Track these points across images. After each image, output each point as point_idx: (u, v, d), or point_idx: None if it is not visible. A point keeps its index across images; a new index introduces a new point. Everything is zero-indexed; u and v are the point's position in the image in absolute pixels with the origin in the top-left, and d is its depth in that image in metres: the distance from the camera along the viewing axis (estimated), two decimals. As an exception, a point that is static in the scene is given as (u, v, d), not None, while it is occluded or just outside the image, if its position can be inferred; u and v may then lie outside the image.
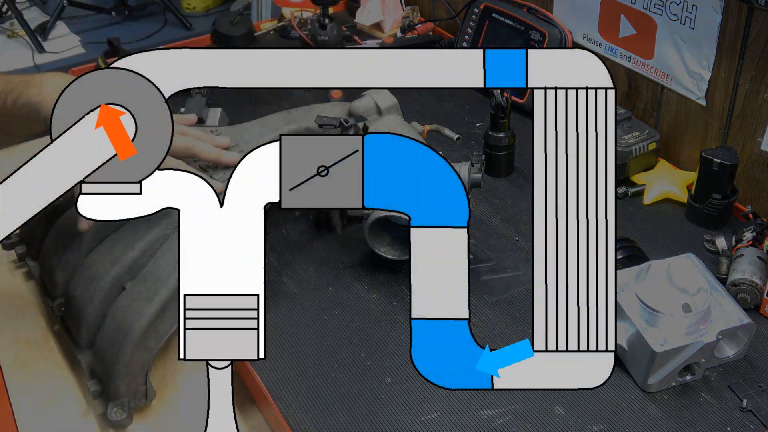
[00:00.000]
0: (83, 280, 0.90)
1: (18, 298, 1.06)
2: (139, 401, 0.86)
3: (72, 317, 0.92)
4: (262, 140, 1.05)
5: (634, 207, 1.15)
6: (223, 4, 2.61)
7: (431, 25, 1.68)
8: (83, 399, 0.90)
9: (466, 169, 0.97)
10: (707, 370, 0.87)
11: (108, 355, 0.84)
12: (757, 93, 1.08)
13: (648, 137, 1.17)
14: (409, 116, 1.17)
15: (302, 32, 1.61)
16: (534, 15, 1.38)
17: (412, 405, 0.84)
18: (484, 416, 0.83)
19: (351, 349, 0.92)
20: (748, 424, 0.81)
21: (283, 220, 1.13)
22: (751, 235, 0.99)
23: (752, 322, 0.84)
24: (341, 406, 0.85)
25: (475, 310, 0.96)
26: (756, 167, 1.11)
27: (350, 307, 0.98)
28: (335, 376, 0.88)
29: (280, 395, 0.86)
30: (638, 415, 0.83)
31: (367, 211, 0.96)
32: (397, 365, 0.89)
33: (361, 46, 1.64)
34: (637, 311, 0.84)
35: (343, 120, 1.06)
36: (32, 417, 0.88)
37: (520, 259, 1.05)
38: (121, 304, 0.86)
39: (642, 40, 1.23)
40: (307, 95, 1.41)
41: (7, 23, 2.47)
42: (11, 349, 0.97)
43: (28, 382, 0.93)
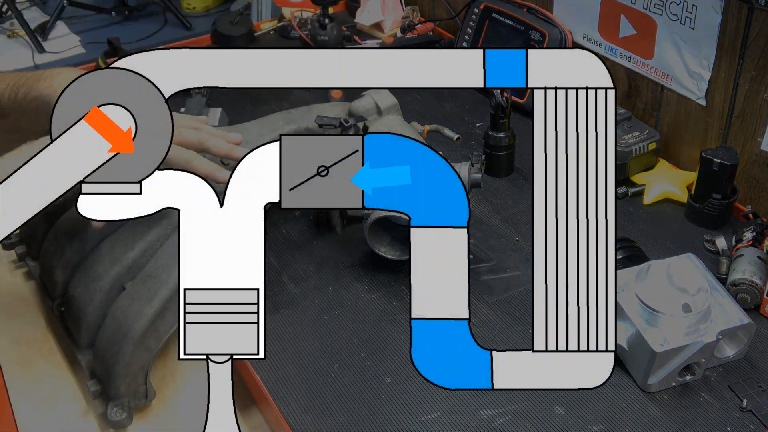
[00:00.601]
0: (83, 280, 0.90)
1: (18, 298, 1.06)
2: (139, 401, 0.86)
3: (72, 317, 0.92)
4: (262, 140, 1.05)
5: (634, 207, 1.15)
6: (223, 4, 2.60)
7: (431, 25, 1.68)
8: (83, 399, 0.90)
9: (466, 169, 0.97)
10: (707, 370, 0.87)
11: (108, 355, 0.84)
12: (757, 93, 1.08)
13: (648, 137, 1.17)
14: (409, 116, 1.17)
15: (302, 32, 1.61)
16: (534, 15, 1.38)
17: (412, 405, 0.84)
18: (484, 416, 0.83)
19: (351, 349, 0.92)
20: (748, 424, 0.81)
21: (283, 220, 1.13)
22: (751, 235, 0.99)
23: (752, 322, 0.84)
24: (341, 406, 0.85)
25: (475, 310, 0.96)
26: (756, 167, 1.11)
27: (350, 307, 0.98)
28: (335, 376, 0.88)
29: (280, 395, 0.86)
30: (638, 415, 0.83)
31: (367, 211, 0.96)
32: (397, 365, 0.89)
33: (361, 46, 1.64)
34: (637, 311, 0.84)
35: (343, 120, 1.06)
36: (32, 417, 0.88)
37: (520, 259, 1.05)
38: (121, 304, 0.86)
39: (642, 40, 1.23)
40: (307, 95, 1.41)
41: (7, 23, 2.47)
42: (11, 349, 0.97)
43: (28, 382, 0.93)
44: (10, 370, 0.94)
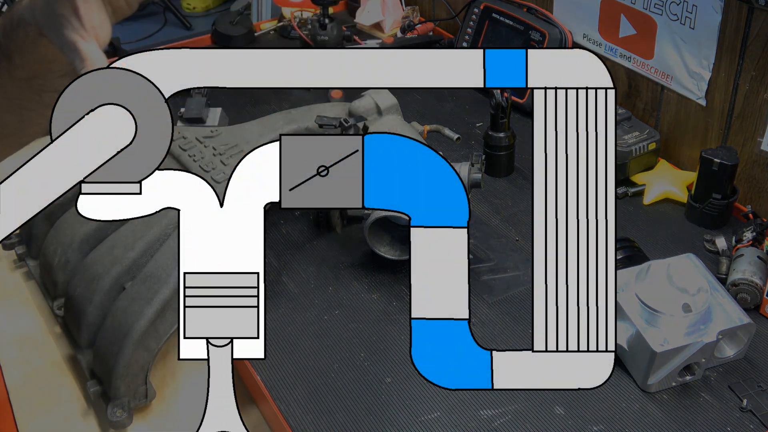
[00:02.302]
0: (83, 280, 0.90)
1: (18, 298, 1.06)
2: (139, 401, 0.86)
3: (72, 317, 0.92)
4: (262, 140, 1.06)
5: (634, 207, 1.15)
6: (223, 4, 2.60)
7: (431, 25, 1.68)
8: (83, 399, 0.90)
9: (466, 169, 0.97)
10: (707, 370, 0.87)
11: (108, 355, 0.84)
12: (757, 93, 1.08)
13: (648, 137, 1.17)
14: (409, 116, 1.18)
15: (302, 32, 1.61)
16: (534, 15, 1.38)
17: (412, 405, 0.84)
18: (484, 416, 0.83)
19: (351, 349, 0.92)
20: (748, 424, 0.81)
21: (283, 220, 1.13)
22: (751, 235, 0.99)
23: (752, 322, 0.84)
24: (341, 406, 0.85)
25: (475, 310, 0.96)
26: (756, 167, 1.11)
27: (350, 307, 0.98)
28: (335, 376, 0.88)
29: (280, 395, 0.86)
30: (638, 415, 0.83)
31: (367, 211, 0.96)
32: (397, 365, 0.89)
33: (361, 46, 1.64)
34: (637, 311, 0.84)
35: (343, 120, 1.06)
36: (32, 417, 0.88)
37: (520, 259, 1.05)
38: (121, 304, 0.86)
39: (642, 40, 1.23)
40: (307, 95, 1.41)
41: (7, 23, 2.47)
42: (11, 349, 0.97)
43: (28, 382, 0.93)
44: (10, 370, 0.94)
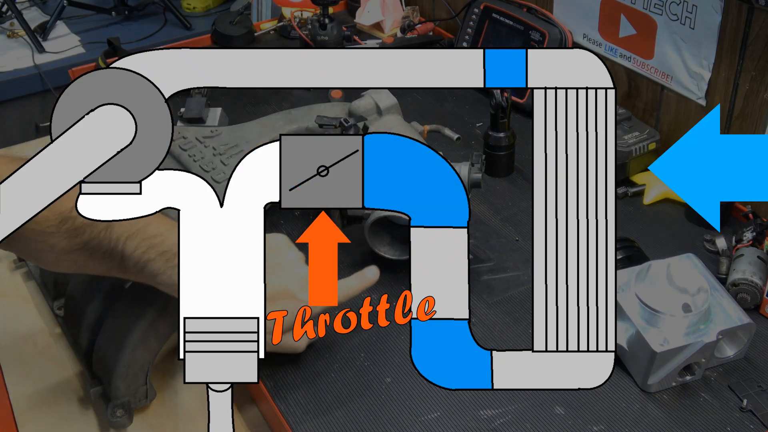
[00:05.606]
0: (83, 280, 0.90)
1: (18, 298, 1.06)
2: (139, 401, 0.86)
3: (72, 317, 0.92)
4: (262, 140, 1.06)
5: (634, 207, 1.15)
6: (223, 4, 2.60)
7: (431, 25, 1.68)
8: (83, 399, 0.90)
9: (466, 169, 0.97)
10: (707, 370, 0.87)
11: (108, 355, 0.84)
12: (757, 93, 1.08)
13: (648, 137, 1.17)
14: (409, 116, 1.17)
15: (302, 32, 1.61)
16: (534, 15, 1.38)
17: (412, 405, 0.84)
18: (484, 416, 0.83)
19: (351, 349, 0.92)
20: (748, 424, 0.81)
21: (283, 220, 1.13)
22: (751, 235, 0.99)
23: (752, 322, 0.84)
24: (341, 406, 0.85)
25: (475, 310, 0.96)
26: (756, 167, 1.11)
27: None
28: (335, 376, 0.88)
29: (280, 395, 0.86)
30: (638, 415, 0.83)
31: (367, 211, 0.96)
32: (397, 365, 0.89)
33: (361, 46, 1.64)
34: (637, 311, 0.84)
35: (343, 120, 1.06)
36: (32, 417, 0.88)
37: (520, 259, 1.05)
38: (121, 304, 0.86)
39: (642, 40, 1.23)
40: (307, 95, 1.41)
41: (7, 23, 2.47)
42: (11, 349, 0.97)
43: (28, 382, 0.92)
44: (10, 370, 0.94)
